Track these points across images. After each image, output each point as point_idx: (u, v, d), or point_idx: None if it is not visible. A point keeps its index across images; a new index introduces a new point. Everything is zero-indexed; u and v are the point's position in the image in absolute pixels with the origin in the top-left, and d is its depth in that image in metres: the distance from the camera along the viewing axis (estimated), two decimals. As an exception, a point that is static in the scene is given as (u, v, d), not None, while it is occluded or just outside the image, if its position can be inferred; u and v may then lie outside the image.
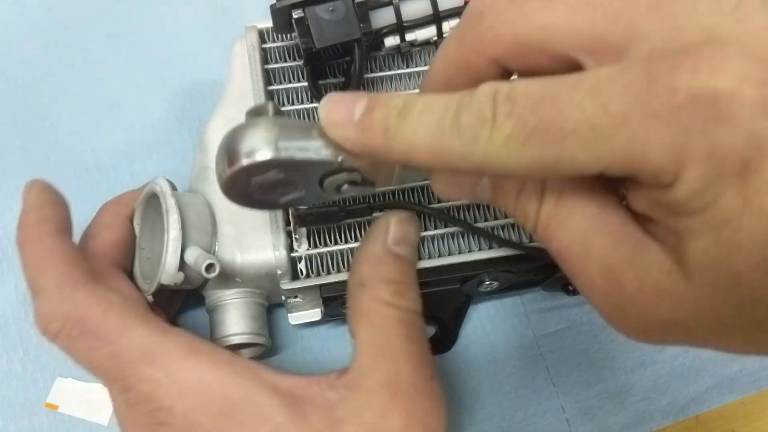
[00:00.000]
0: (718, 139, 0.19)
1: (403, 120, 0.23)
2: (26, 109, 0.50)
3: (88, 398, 0.42)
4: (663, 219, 0.21)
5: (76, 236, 0.39)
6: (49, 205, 0.33)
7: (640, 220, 0.23)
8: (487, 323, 0.46)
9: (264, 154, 0.25)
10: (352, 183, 0.28)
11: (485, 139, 0.21)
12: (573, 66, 0.22)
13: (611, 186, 0.23)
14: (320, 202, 0.32)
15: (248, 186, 0.27)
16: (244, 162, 0.25)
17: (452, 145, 0.22)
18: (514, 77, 0.25)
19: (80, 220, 0.43)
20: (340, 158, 0.26)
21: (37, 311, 0.31)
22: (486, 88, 0.22)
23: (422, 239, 0.37)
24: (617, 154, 0.20)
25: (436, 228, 0.37)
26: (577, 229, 0.24)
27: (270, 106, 0.28)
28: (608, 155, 0.20)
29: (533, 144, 0.21)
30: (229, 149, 0.26)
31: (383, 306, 0.31)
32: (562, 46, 0.22)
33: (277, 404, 0.28)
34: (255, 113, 0.28)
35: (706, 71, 0.19)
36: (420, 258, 0.37)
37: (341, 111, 0.25)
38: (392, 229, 0.33)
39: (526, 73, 0.24)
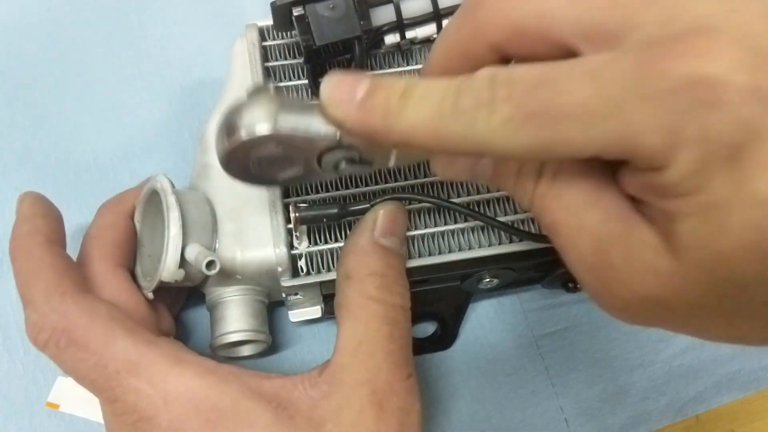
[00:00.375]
0: (710, 123, 0.19)
1: (404, 103, 0.24)
2: (26, 109, 0.50)
3: (88, 397, 0.41)
4: (654, 201, 0.22)
5: (77, 236, 0.39)
6: (40, 217, 0.34)
7: (633, 201, 0.23)
8: (486, 323, 0.46)
9: (263, 128, 0.26)
10: (350, 161, 0.28)
11: (483, 122, 0.22)
12: (570, 53, 0.22)
13: (607, 166, 0.24)
14: (318, 180, 0.33)
15: (247, 160, 0.28)
16: (244, 136, 0.26)
17: (451, 128, 0.23)
18: (512, 64, 0.25)
19: (80, 220, 0.43)
20: (338, 135, 0.27)
21: (26, 321, 0.31)
22: (484, 72, 0.22)
23: (422, 236, 0.37)
24: (612, 137, 0.20)
25: (436, 225, 0.37)
26: (571, 203, 0.24)
27: (270, 85, 0.28)
28: (603, 138, 0.20)
29: (530, 127, 0.21)
30: (229, 124, 0.27)
31: (368, 300, 0.31)
32: (560, 33, 0.22)
33: (264, 408, 0.29)
34: (255, 91, 0.28)
35: (698, 57, 0.19)
36: (420, 255, 0.37)
37: (343, 90, 0.25)
38: (380, 221, 0.33)
39: (525, 59, 0.24)
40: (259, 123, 0.26)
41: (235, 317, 0.37)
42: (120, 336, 0.30)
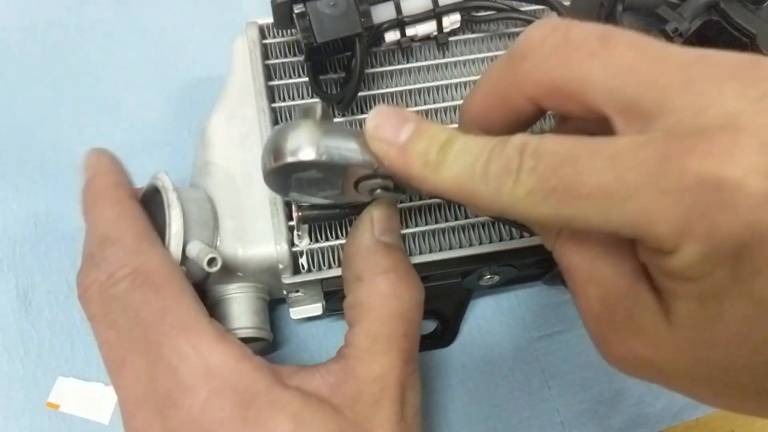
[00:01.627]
0: (719, 224, 0.19)
1: (442, 157, 0.25)
2: (26, 108, 0.50)
3: (89, 397, 0.42)
4: (660, 276, 0.23)
5: (76, 235, 0.39)
6: (124, 174, 0.35)
7: (643, 265, 0.24)
8: (484, 324, 0.46)
9: (307, 154, 0.28)
10: (385, 188, 0.30)
11: (509, 190, 0.23)
12: (604, 120, 0.23)
13: None
14: (353, 200, 0.34)
15: (288, 180, 0.30)
16: (289, 159, 0.28)
17: (480, 190, 0.24)
18: (544, 135, 0.26)
19: (79, 219, 0.43)
20: (375, 165, 0.28)
21: (108, 258, 0.31)
22: (516, 140, 0.23)
23: (423, 233, 0.37)
24: (626, 221, 0.21)
25: (437, 222, 0.38)
26: (588, 253, 0.25)
27: (319, 108, 0.30)
28: (618, 221, 0.21)
29: (551, 201, 0.22)
30: (275, 145, 0.28)
31: (383, 299, 0.32)
32: (595, 101, 0.23)
33: (293, 395, 0.29)
34: (304, 113, 0.30)
35: (716, 158, 0.19)
36: (421, 252, 0.37)
37: (388, 129, 0.27)
38: (376, 219, 0.33)
39: (562, 115, 0.25)
40: (303, 148, 0.28)
41: (237, 314, 0.37)
42: (189, 297, 0.31)
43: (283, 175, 0.29)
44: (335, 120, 0.40)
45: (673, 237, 0.20)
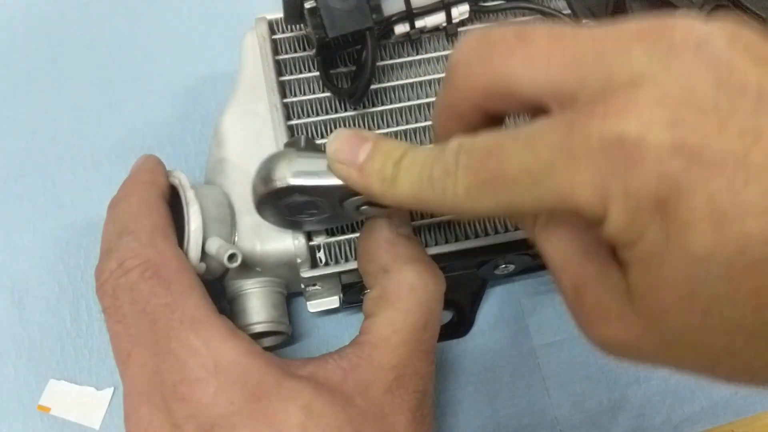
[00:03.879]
0: (631, 180, 0.20)
1: (396, 171, 0.26)
2: (27, 105, 0.50)
3: (80, 401, 0.42)
4: (617, 250, 0.23)
5: (76, 235, 0.38)
6: (161, 174, 0.36)
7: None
8: (487, 330, 0.45)
9: (282, 182, 0.30)
10: (370, 204, 0.31)
11: (451, 190, 0.24)
12: (544, 109, 0.23)
13: None
14: (346, 222, 0.36)
15: (277, 207, 0.32)
16: (269, 187, 0.30)
17: (429, 196, 0.25)
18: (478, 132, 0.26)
19: (78, 219, 0.43)
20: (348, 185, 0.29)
21: (122, 247, 0.32)
22: (453, 143, 0.24)
23: (438, 224, 0.38)
24: (554, 195, 0.21)
25: (452, 213, 0.38)
26: (560, 241, 0.26)
27: (302, 139, 0.32)
28: (547, 197, 0.21)
29: (487, 192, 0.23)
30: (258, 176, 0.31)
31: (410, 290, 0.32)
32: (526, 93, 0.23)
33: (304, 385, 0.29)
34: (288, 145, 0.33)
35: (614, 116, 0.20)
36: (437, 243, 0.37)
37: (346, 152, 0.28)
38: (392, 213, 0.33)
39: (511, 113, 0.26)
40: (278, 176, 0.30)
41: (256, 309, 0.37)
42: (198, 293, 0.31)
43: (272, 203, 0.32)
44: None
45: (598, 202, 0.20)
